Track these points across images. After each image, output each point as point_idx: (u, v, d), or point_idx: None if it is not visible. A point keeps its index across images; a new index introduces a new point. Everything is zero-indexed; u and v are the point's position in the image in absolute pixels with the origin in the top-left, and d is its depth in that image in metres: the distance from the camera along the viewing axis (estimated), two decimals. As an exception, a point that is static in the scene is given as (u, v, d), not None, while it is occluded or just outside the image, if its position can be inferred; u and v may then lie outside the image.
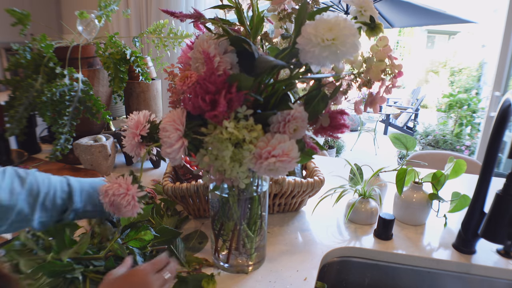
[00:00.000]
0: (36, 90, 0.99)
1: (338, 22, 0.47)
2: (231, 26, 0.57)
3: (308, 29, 0.47)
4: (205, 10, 0.62)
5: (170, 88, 0.60)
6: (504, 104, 0.71)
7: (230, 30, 0.55)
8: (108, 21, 1.23)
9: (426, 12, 4.58)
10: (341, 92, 0.60)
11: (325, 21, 0.47)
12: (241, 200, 0.66)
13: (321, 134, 0.59)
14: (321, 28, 0.46)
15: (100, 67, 1.19)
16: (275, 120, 0.53)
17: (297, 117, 0.53)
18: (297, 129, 0.53)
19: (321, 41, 0.46)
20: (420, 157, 1.61)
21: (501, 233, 0.72)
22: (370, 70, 0.60)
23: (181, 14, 0.57)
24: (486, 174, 0.76)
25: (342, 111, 0.58)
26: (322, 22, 0.47)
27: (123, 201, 0.52)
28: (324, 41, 0.46)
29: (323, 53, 0.47)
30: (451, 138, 4.22)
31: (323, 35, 0.46)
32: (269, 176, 0.69)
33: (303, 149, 0.59)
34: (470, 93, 4.83)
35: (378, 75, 0.60)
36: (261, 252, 0.74)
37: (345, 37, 0.46)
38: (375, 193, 0.92)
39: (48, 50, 1.03)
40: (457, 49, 8.12)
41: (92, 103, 1.05)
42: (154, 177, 1.13)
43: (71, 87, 1.02)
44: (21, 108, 0.98)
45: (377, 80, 0.61)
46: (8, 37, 1.52)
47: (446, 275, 0.80)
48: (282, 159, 0.49)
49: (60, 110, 1.00)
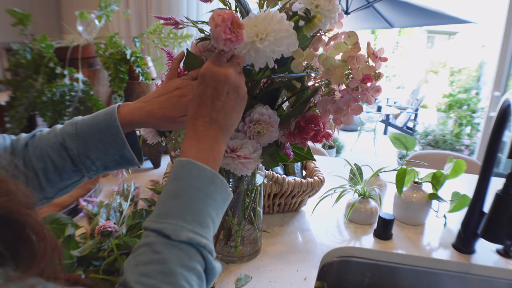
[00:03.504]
0: (37, 90, 0.99)
1: (264, 18, 0.45)
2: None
3: None
4: (204, 14, 0.64)
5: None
6: (503, 104, 0.71)
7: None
8: (108, 21, 1.23)
9: (426, 12, 4.58)
10: (328, 95, 0.54)
11: (252, 18, 0.46)
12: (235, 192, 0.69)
13: (291, 139, 0.57)
14: (246, 25, 0.45)
15: (100, 67, 1.19)
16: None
17: (259, 119, 0.54)
18: (262, 133, 0.55)
19: (246, 38, 0.45)
20: (420, 157, 1.61)
21: (500, 233, 0.72)
22: (331, 72, 0.50)
23: (170, 21, 0.60)
24: (486, 174, 0.76)
25: (317, 116, 0.56)
26: (250, 19, 0.46)
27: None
28: (245, 39, 0.45)
29: (242, 51, 0.46)
30: (451, 138, 4.22)
31: (246, 32, 0.45)
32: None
33: (273, 154, 0.60)
34: (470, 93, 4.83)
35: (339, 78, 0.50)
36: (253, 246, 0.76)
37: (269, 33, 0.45)
38: (375, 193, 0.92)
39: (48, 50, 1.03)
40: (457, 49, 8.12)
41: (92, 103, 1.05)
42: (153, 177, 1.13)
43: (71, 87, 1.02)
44: (21, 108, 0.98)
45: (336, 84, 0.52)
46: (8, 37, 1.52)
47: (446, 275, 0.80)
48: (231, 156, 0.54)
49: (60, 110, 1.00)
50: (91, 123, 0.51)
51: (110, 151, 0.51)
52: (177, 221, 0.39)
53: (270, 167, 0.62)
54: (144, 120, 0.52)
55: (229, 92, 0.46)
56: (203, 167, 0.42)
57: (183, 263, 0.38)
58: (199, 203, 0.41)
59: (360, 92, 0.51)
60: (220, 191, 0.43)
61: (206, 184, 0.42)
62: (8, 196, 0.30)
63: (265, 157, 0.60)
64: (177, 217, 0.39)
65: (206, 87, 0.46)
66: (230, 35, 0.43)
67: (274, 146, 0.60)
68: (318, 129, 0.56)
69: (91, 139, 0.50)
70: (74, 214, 0.86)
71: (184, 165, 0.43)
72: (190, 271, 0.38)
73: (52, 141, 0.50)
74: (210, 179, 0.42)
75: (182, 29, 0.64)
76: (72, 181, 0.53)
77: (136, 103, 0.53)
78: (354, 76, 0.49)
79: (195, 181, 0.41)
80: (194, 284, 0.38)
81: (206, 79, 0.46)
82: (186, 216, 0.40)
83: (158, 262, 0.37)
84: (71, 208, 0.85)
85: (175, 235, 0.38)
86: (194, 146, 0.44)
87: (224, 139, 0.47)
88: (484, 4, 6.75)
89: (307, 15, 0.49)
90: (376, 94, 0.52)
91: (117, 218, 0.83)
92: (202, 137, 0.45)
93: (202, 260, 0.40)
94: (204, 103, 0.46)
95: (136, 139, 0.57)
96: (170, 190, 0.42)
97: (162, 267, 0.37)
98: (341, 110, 0.53)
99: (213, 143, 0.45)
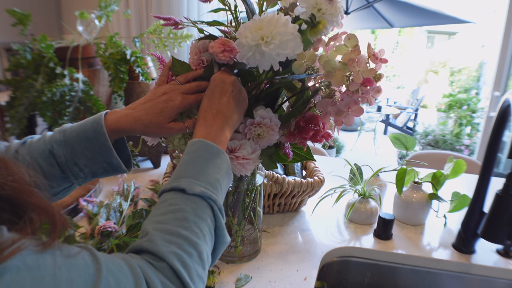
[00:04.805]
0: (37, 90, 0.99)
1: (269, 21, 0.46)
2: (220, 26, 0.60)
3: (241, 30, 0.48)
4: (204, 14, 0.64)
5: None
6: (503, 104, 0.71)
7: (221, 31, 0.61)
8: (108, 21, 1.23)
9: (426, 12, 4.58)
10: (329, 97, 0.54)
11: (257, 21, 0.46)
12: (236, 192, 0.69)
13: (291, 139, 0.58)
14: (251, 28, 0.46)
15: (100, 67, 1.19)
16: (243, 121, 0.56)
17: (260, 122, 0.55)
18: (262, 135, 0.55)
19: (251, 41, 0.46)
20: (420, 157, 1.61)
21: (500, 233, 0.72)
22: (331, 75, 0.50)
23: (170, 21, 0.60)
24: (486, 174, 0.76)
25: (316, 116, 0.56)
26: (255, 22, 0.46)
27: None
28: (250, 42, 0.46)
29: (248, 54, 0.47)
30: (451, 138, 4.22)
31: (251, 35, 0.46)
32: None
33: (272, 155, 0.60)
34: (470, 93, 4.83)
35: (339, 81, 0.50)
36: (253, 246, 0.76)
37: (274, 36, 0.45)
38: (375, 193, 0.92)
39: (49, 50, 1.03)
40: (457, 49, 8.12)
41: (92, 103, 1.05)
42: (153, 177, 1.13)
43: (71, 87, 1.02)
44: (21, 108, 0.98)
45: (337, 87, 0.52)
46: (8, 37, 1.52)
47: (446, 275, 0.80)
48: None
49: (60, 110, 1.00)
50: (79, 130, 0.52)
51: (98, 159, 0.52)
52: (190, 179, 0.45)
53: (269, 168, 0.63)
54: (131, 127, 0.53)
55: (233, 91, 0.53)
56: (210, 144, 0.49)
57: (196, 213, 0.42)
58: (208, 169, 0.47)
59: (360, 95, 0.51)
60: (226, 166, 0.49)
61: (214, 157, 0.48)
62: (12, 176, 0.31)
63: (264, 159, 0.60)
64: (191, 177, 0.45)
65: (215, 87, 0.53)
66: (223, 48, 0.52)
67: (273, 148, 0.60)
68: (318, 129, 0.56)
69: (78, 147, 0.51)
70: (74, 214, 0.86)
71: (195, 143, 0.49)
72: (202, 221, 0.43)
73: (41, 148, 0.51)
74: (216, 153, 0.48)
75: (182, 29, 0.64)
76: (62, 188, 0.54)
77: (123, 110, 0.54)
78: (354, 79, 0.49)
79: (204, 153, 0.48)
80: (206, 234, 0.42)
81: (215, 81, 0.54)
82: (199, 177, 0.45)
83: (173, 211, 0.42)
84: (71, 208, 0.85)
85: (190, 188, 0.43)
86: (203, 130, 0.50)
87: (228, 128, 0.52)
88: (484, 4, 6.75)
89: (312, 21, 0.49)
90: (376, 95, 0.52)
91: (117, 218, 0.83)
92: (210, 124, 0.51)
93: (212, 216, 0.45)
94: (213, 98, 0.53)
95: (126, 146, 0.58)
96: (182, 161, 0.48)
97: (177, 215, 0.42)
98: (341, 112, 0.53)
99: (219, 130, 0.51)
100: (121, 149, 0.56)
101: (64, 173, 0.52)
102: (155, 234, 0.39)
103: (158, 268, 0.37)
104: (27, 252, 0.28)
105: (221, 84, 0.53)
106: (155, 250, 0.38)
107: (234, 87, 0.54)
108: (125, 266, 0.35)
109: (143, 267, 0.36)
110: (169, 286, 0.36)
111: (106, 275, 0.32)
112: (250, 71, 0.55)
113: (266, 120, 0.55)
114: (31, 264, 0.27)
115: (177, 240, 0.39)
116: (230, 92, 0.53)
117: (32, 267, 0.27)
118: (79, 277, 0.30)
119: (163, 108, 0.53)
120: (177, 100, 0.54)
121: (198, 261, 0.40)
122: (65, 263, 0.30)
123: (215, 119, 0.51)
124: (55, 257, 0.29)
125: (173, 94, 0.54)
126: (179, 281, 0.37)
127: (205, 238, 0.42)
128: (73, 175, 0.52)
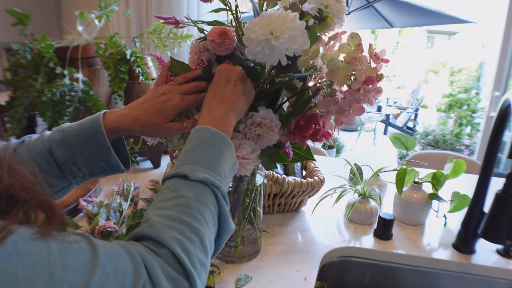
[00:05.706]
0: (36, 90, 0.99)
1: (278, 17, 0.46)
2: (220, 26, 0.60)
3: (249, 25, 0.48)
4: (204, 14, 0.65)
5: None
6: (503, 104, 0.71)
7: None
8: (108, 21, 1.23)
9: (426, 12, 4.58)
10: (330, 96, 0.54)
11: (266, 17, 0.47)
12: (236, 192, 0.69)
13: (291, 138, 0.58)
14: (260, 24, 0.46)
15: (100, 67, 1.19)
16: (243, 120, 0.56)
17: (261, 123, 0.55)
18: (262, 136, 0.55)
19: (260, 35, 0.46)
20: (420, 157, 1.61)
21: (500, 233, 0.72)
22: (334, 73, 0.51)
23: (170, 20, 0.61)
24: (486, 174, 0.76)
25: (316, 115, 0.56)
26: (263, 18, 0.47)
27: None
28: (260, 36, 0.46)
29: (256, 48, 0.47)
30: (451, 138, 4.22)
31: (261, 30, 0.46)
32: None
33: (271, 156, 0.60)
34: (470, 93, 4.83)
35: (342, 79, 0.51)
36: (253, 246, 0.76)
37: (283, 31, 0.46)
38: (375, 193, 0.92)
39: (48, 50, 1.03)
40: (457, 49, 8.12)
41: (92, 103, 1.05)
42: (153, 177, 1.13)
43: (71, 87, 1.02)
44: (21, 108, 0.98)
45: (340, 86, 0.53)
46: (8, 37, 1.52)
47: (446, 275, 0.80)
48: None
49: (60, 110, 1.00)
50: (78, 130, 0.52)
51: (96, 158, 0.52)
52: (193, 166, 0.44)
53: (268, 168, 0.63)
54: (129, 127, 0.53)
55: (237, 80, 0.53)
56: (214, 130, 0.48)
57: (199, 199, 0.42)
58: (212, 156, 0.46)
59: (362, 93, 0.51)
60: (230, 153, 0.49)
61: (217, 143, 0.47)
62: (16, 175, 0.31)
63: (263, 158, 0.60)
64: (193, 163, 0.44)
65: (220, 76, 0.53)
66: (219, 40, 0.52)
67: (273, 148, 0.60)
68: (318, 128, 0.56)
69: (77, 146, 0.51)
70: (74, 214, 0.86)
71: (199, 130, 0.48)
72: (205, 207, 0.42)
73: (40, 147, 0.51)
74: (220, 140, 0.48)
75: (182, 28, 0.64)
76: (61, 187, 0.54)
77: (122, 110, 0.54)
78: (357, 77, 0.50)
79: (208, 140, 0.47)
80: (209, 220, 0.42)
81: (220, 71, 0.54)
82: (202, 163, 0.45)
83: (175, 198, 0.41)
84: (71, 208, 0.85)
85: (192, 174, 0.43)
86: (207, 118, 0.50)
87: (233, 115, 0.52)
88: (484, 4, 6.75)
89: (320, 15, 0.50)
90: (377, 95, 0.52)
91: (117, 218, 0.83)
92: (214, 112, 0.51)
93: (216, 202, 0.44)
94: (218, 87, 0.53)
95: (124, 145, 0.58)
96: (186, 148, 0.47)
97: (179, 201, 0.41)
98: (343, 111, 0.53)
99: (223, 116, 0.50)
100: (119, 149, 0.56)
101: (62, 172, 0.52)
102: (156, 220, 0.39)
103: (159, 254, 0.37)
104: (20, 238, 0.27)
105: (226, 73, 0.53)
106: (156, 236, 0.37)
107: (239, 75, 0.53)
108: (123, 252, 0.34)
109: (142, 253, 0.36)
110: (170, 272, 0.36)
111: (103, 261, 0.31)
112: (255, 68, 0.55)
113: (266, 121, 0.55)
114: (23, 250, 0.26)
115: (178, 226, 0.39)
116: (235, 80, 0.53)
117: (24, 253, 0.26)
118: (75, 263, 0.29)
119: (161, 108, 0.53)
120: (176, 100, 0.54)
121: (200, 248, 0.39)
122: (59, 249, 0.29)
123: (220, 106, 0.51)
124: (49, 244, 0.29)
125: (171, 95, 0.54)
126: (180, 267, 0.37)
127: (208, 225, 0.41)
128: (71, 175, 0.52)
